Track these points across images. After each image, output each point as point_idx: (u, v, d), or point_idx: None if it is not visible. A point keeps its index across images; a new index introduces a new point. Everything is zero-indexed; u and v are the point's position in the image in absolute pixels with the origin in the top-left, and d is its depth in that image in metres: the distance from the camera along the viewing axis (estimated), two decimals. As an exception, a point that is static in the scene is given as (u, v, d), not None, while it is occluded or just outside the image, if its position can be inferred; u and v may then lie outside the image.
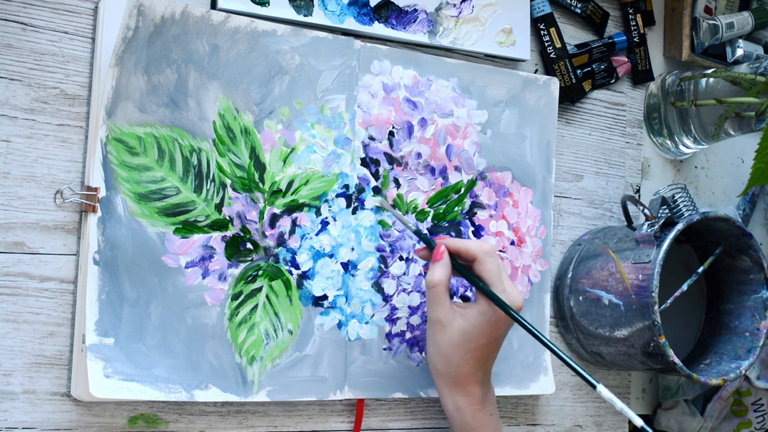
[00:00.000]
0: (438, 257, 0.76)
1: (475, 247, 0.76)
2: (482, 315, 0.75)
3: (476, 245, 0.76)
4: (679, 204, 0.99)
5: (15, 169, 0.69)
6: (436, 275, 0.75)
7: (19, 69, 0.69)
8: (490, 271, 0.75)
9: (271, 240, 0.77)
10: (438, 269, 0.75)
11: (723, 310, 0.95)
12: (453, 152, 0.86)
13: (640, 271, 0.84)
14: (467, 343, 0.75)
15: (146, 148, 0.72)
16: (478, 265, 0.76)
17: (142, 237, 0.71)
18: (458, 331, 0.75)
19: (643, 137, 1.03)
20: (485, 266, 0.75)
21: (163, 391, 0.71)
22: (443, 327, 0.75)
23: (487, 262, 0.75)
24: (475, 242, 0.77)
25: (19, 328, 0.69)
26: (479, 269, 0.76)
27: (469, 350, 0.75)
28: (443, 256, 0.76)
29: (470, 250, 0.76)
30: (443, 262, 0.76)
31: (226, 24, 0.75)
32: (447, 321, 0.75)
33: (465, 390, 0.76)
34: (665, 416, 1.02)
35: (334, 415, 0.82)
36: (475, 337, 0.75)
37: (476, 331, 0.75)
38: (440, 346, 0.76)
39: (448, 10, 0.87)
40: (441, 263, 0.76)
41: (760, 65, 0.93)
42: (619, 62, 1.00)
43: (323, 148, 0.80)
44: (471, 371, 0.76)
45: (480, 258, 0.75)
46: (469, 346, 0.75)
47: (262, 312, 0.76)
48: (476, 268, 0.76)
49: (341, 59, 0.81)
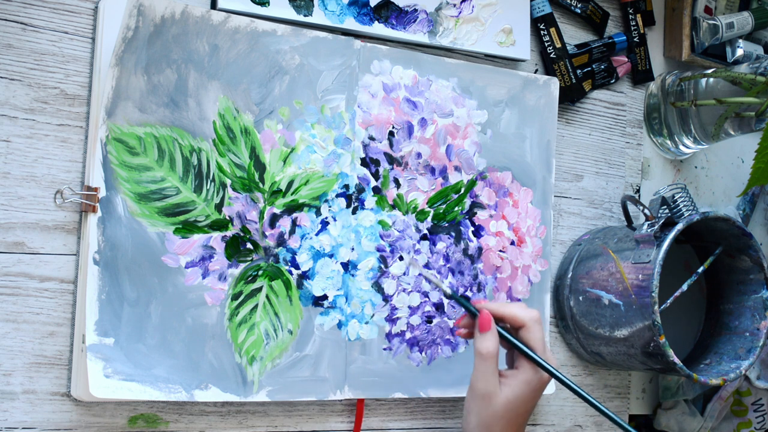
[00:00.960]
0: (487, 327, 0.73)
1: (523, 315, 0.74)
2: (527, 384, 0.74)
3: (524, 312, 0.74)
4: (679, 204, 0.99)
5: (15, 169, 0.69)
6: (489, 346, 0.73)
7: (19, 69, 0.69)
8: (537, 339, 0.74)
9: (271, 240, 0.77)
10: (489, 339, 0.73)
11: (723, 310, 0.95)
12: (453, 152, 0.86)
13: (640, 271, 0.84)
14: (511, 413, 0.73)
15: (146, 148, 0.72)
16: (526, 332, 0.74)
17: (142, 237, 0.71)
18: (504, 404, 0.73)
19: (643, 137, 1.03)
20: (534, 334, 0.74)
21: (163, 391, 0.71)
22: (489, 399, 0.73)
23: (535, 330, 0.74)
24: (521, 308, 0.75)
25: (19, 328, 0.69)
26: (526, 336, 0.74)
27: (512, 419, 0.73)
28: (491, 324, 0.74)
29: (518, 318, 0.74)
30: (492, 332, 0.73)
31: (226, 24, 0.75)
32: (494, 393, 0.73)
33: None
34: (665, 416, 1.02)
35: (334, 415, 0.82)
36: (519, 406, 0.74)
37: (521, 400, 0.73)
38: (483, 417, 0.73)
39: (448, 10, 0.87)
40: (491, 333, 0.73)
41: (760, 65, 0.93)
42: (619, 62, 1.00)
43: (323, 148, 0.80)
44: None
45: (529, 326, 0.74)
46: (512, 416, 0.73)
47: (262, 312, 0.76)
48: (522, 335, 0.74)
49: (341, 59, 0.81)
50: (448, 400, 0.88)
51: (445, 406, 0.88)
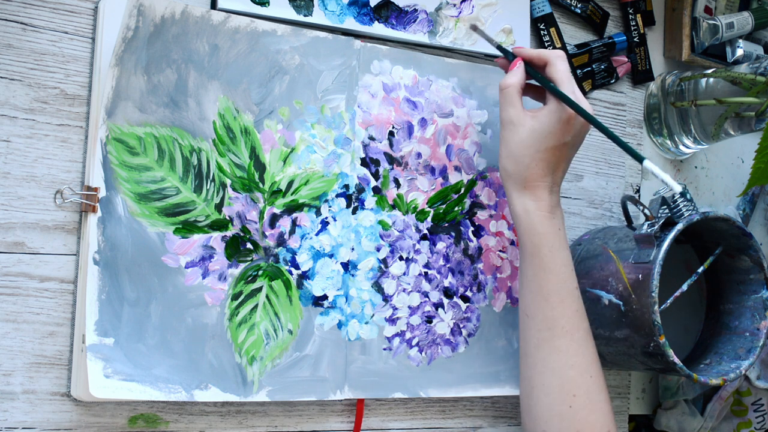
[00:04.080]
0: (513, 66, 0.80)
1: (547, 52, 0.80)
2: (552, 114, 0.78)
3: (548, 51, 0.80)
4: (679, 204, 0.99)
5: (15, 169, 0.69)
6: (509, 78, 0.79)
7: (19, 69, 0.69)
8: (560, 71, 0.79)
9: (271, 240, 0.77)
10: (512, 74, 0.80)
11: (723, 310, 0.95)
12: (453, 152, 0.86)
13: (640, 271, 0.84)
14: (537, 143, 0.77)
15: (146, 148, 0.72)
16: (550, 68, 0.79)
17: (142, 237, 0.71)
18: (529, 131, 0.78)
19: (643, 137, 1.03)
20: (556, 67, 0.79)
21: (163, 391, 0.71)
22: (514, 127, 0.78)
23: (557, 64, 0.79)
24: (547, 50, 0.83)
25: (19, 328, 0.69)
26: (550, 72, 0.79)
27: (539, 151, 0.78)
28: (518, 63, 0.80)
29: (542, 55, 0.80)
30: (517, 69, 0.80)
31: (226, 24, 0.75)
32: (518, 121, 0.78)
33: (534, 194, 0.78)
34: (665, 416, 1.02)
35: (334, 415, 0.82)
36: (545, 137, 0.78)
37: (546, 130, 0.77)
38: (511, 146, 0.78)
39: (448, 10, 0.87)
40: (515, 70, 0.80)
41: (760, 65, 0.93)
42: (619, 62, 1.00)
43: (323, 148, 0.80)
44: (540, 173, 0.78)
45: (551, 61, 0.79)
46: (539, 147, 0.78)
47: (262, 312, 0.76)
48: (548, 72, 0.79)
49: (341, 59, 0.81)
50: (448, 400, 0.88)
51: (445, 406, 0.88)
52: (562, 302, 0.78)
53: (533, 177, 0.78)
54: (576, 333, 0.78)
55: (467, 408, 0.89)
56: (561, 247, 0.79)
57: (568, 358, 0.77)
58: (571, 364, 0.77)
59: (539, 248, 0.78)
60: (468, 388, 0.86)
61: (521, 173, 0.78)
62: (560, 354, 0.77)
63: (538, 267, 0.78)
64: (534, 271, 0.79)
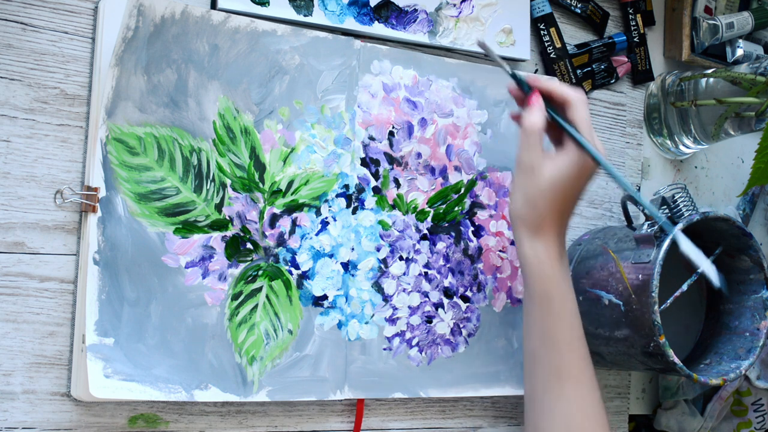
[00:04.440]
0: (532, 102, 0.75)
1: (570, 93, 0.75)
2: (574, 164, 0.75)
3: (572, 90, 0.75)
4: (679, 204, 0.99)
5: (15, 169, 0.69)
6: (534, 120, 0.74)
7: (19, 69, 0.69)
8: (582, 118, 0.75)
9: (271, 240, 0.77)
10: (535, 113, 0.75)
11: (723, 310, 0.95)
12: (453, 152, 0.86)
13: (640, 271, 0.84)
14: (555, 192, 0.75)
15: (146, 148, 0.72)
16: (571, 110, 0.75)
17: (142, 237, 0.71)
18: (547, 177, 0.75)
19: (643, 137, 1.03)
20: (578, 113, 0.75)
21: (163, 391, 0.71)
22: (533, 172, 0.75)
23: (580, 109, 0.75)
24: (569, 87, 0.76)
25: (19, 328, 0.69)
26: (571, 115, 0.75)
27: (555, 197, 0.75)
28: (539, 101, 0.75)
29: (565, 95, 0.75)
30: (539, 107, 0.75)
31: (226, 24, 0.75)
32: (538, 167, 0.75)
33: (545, 239, 0.76)
34: (665, 416, 1.02)
35: (334, 415, 0.82)
36: (562, 184, 0.75)
37: (565, 177, 0.75)
38: (527, 191, 0.75)
39: (448, 10, 0.87)
40: (538, 107, 0.75)
41: (760, 65, 0.93)
42: (619, 62, 1.00)
43: (323, 148, 0.80)
44: (553, 220, 0.76)
45: (574, 103, 0.75)
46: (556, 195, 0.75)
47: (262, 312, 0.76)
48: (568, 114, 0.75)
49: (341, 59, 0.81)
50: (448, 400, 0.88)
51: (445, 406, 0.88)
52: (571, 349, 0.77)
53: (546, 223, 0.76)
54: (583, 379, 0.76)
55: (467, 408, 0.89)
56: (569, 293, 0.78)
57: (576, 404, 0.76)
58: (577, 410, 0.76)
59: (549, 295, 0.76)
60: (468, 388, 0.86)
61: (535, 219, 0.76)
62: (567, 401, 0.76)
63: (547, 313, 0.77)
64: (542, 317, 0.77)
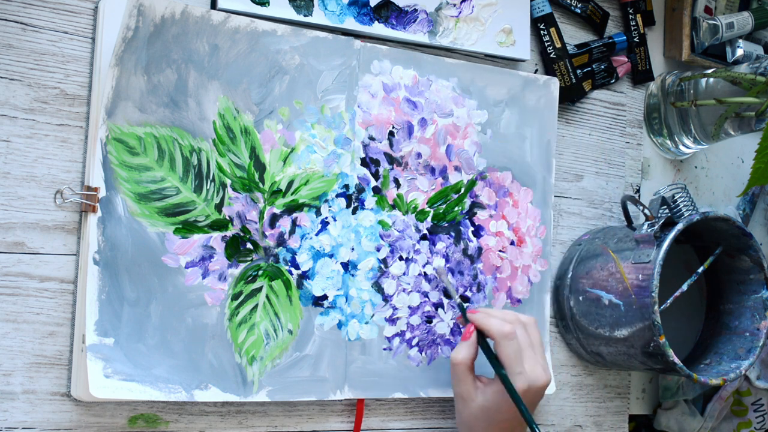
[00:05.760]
0: (466, 337, 0.79)
1: (495, 330, 0.78)
2: (501, 394, 0.78)
3: (496, 328, 0.78)
4: (679, 204, 0.99)
5: (15, 169, 0.69)
6: (460, 354, 0.79)
7: (19, 69, 0.69)
8: (507, 355, 0.78)
9: (271, 240, 0.77)
10: (463, 348, 0.79)
11: (723, 310, 0.95)
12: (453, 152, 0.86)
13: (640, 271, 0.84)
14: (488, 419, 0.78)
15: (146, 148, 0.72)
16: (497, 347, 0.78)
17: (142, 237, 0.71)
18: (479, 407, 0.78)
19: (643, 137, 1.03)
20: (502, 349, 0.78)
21: (163, 391, 0.71)
22: (465, 402, 0.79)
23: (504, 346, 0.78)
24: (496, 324, 0.78)
25: (19, 328, 0.69)
26: (498, 351, 0.78)
27: (491, 424, 0.78)
28: (471, 336, 0.79)
29: (491, 332, 0.78)
30: (470, 342, 0.79)
31: (226, 24, 0.75)
32: (468, 397, 0.78)
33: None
34: (665, 416, 1.02)
35: (334, 415, 0.82)
36: (495, 413, 0.78)
37: (495, 407, 0.78)
38: (464, 417, 0.79)
39: (448, 10, 0.87)
40: (467, 343, 0.79)
41: (760, 65, 0.93)
42: (619, 62, 1.00)
43: (323, 148, 0.80)
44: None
45: (498, 341, 0.78)
46: (490, 421, 0.78)
47: (262, 312, 0.76)
48: (496, 349, 0.79)
49: (341, 59, 0.81)
50: (448, 400, 0.88)
51: (445, 406, 0.88)
52: None
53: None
54: None
55: (467, 408, 0.89)
56: None
57: None
58: None
59: None
60: (468, 388, 0.86)
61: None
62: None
63: None
64: None
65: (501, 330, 0.78)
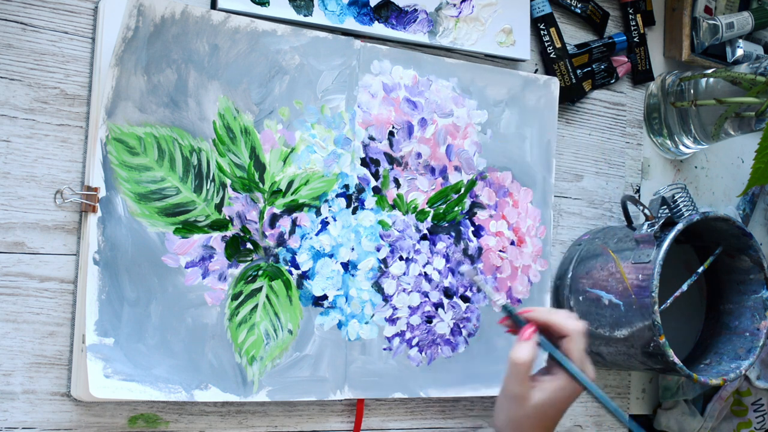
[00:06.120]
0: (527, 337, 0.75)
1: (569, 325, 0.75)
2: (561, 390, 0.75)
3: (570, 323, 0.75)
4: (679, 204, 0.99)
5: (15, 169, 0.69)
6: (523, 355, 0.74)
7: (19, 69, 0.69)
8: (578, 350, 0.75)
9: (271, 240, 0.77)
10: (525, 348, 0.75)
11: (723, 310, 0.95)
12: (453, 152, 0.86)
13: (640, 271, 0.84)
14: (541, 416, 0.75)
15: (146, 148, 0.72)
16: (568, 341, 0.75)
17: (142, 237, 0.71)
18: (535, 406, 0.75)
19: (643, 137, 1.03)
20: (575, 344, 0.75)
21: (163, 391, 0.71)
22: (519, 402, 0.75)
23: (578, 341, 0.75)
24: (568, 318, 0.76)
25: (19, 328, 0.69)
26: (568, 346, 0.75)
27: (541, 422, 0.76)
28: (533, 335, 0.75)
29: (563, 327, 0.75)
30: (531, 342, 0.75)
31: (226, 24, 0.75)
32: (525, 397, 0.75)
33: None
34: (665, 416, 1.02)
35: (334, 415, 0.82)
36: (550, 410, 0.76)
37: (552, 404, 0.75)
38: (512, 416, 0.76)
39: (448, 10, 0.87)
40: (529, 343, 0.75)
41: (760, 65, 0.93)
42: (619, 62, 1.00)
43: (323, 148, 0.80)
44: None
45: (573, 336, 0.75)
46: (542, 418, 0.76)
47: (262, 312, 0.76)
48: (564, 344, 0.76)
49: (341, 59, 0.81)
50: (448, 400, 0.88)
51: (445, 406, 0.88)
52: None
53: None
54: None
55: (467, 408, 0.89)
56: None
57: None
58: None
59: None
60: (468, 388, 0.86)
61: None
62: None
63: None
64: None
65: (576, 325, 0.75)
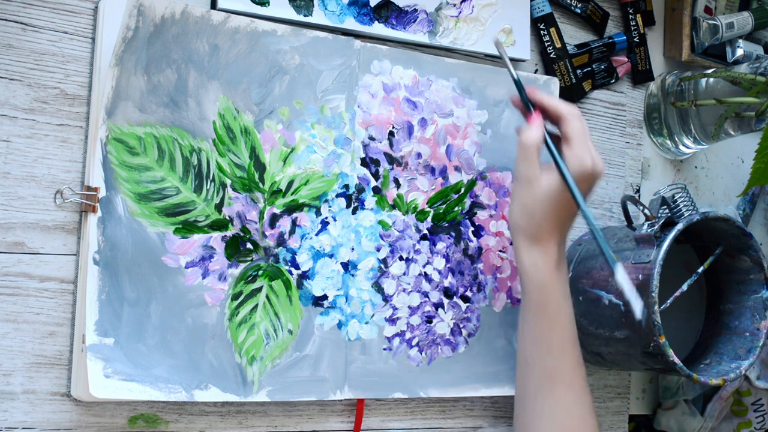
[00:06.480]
0: (534, 119, 0.79)
1: (561, 107, 0.78)
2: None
3: (564, 105, 0.78)
4: (679, 204, 0.99)
5: (15, 169, 0.69)
6: (532, 133, 0.78)
7: (19, 69, 0.69)
8: (575, 129, 0.78)
9: (271, 240, 0.77)
10: (534, 129, 0.78)
11: (723, 310, 0.95)
12: (453, 152, 0.86)
13: (640, 271, 0.84)
14: (552, 201, 0.77)
15: (146, 148, 0.72)
16: (564, 124, 0.78)
17: (142, 237, 0.71)
18: (545, 189, 0.77)
19: (643, 137, 1.03)
20: (571, 125, 0.78)
21: (163, 391, 0.71)
22: (530, 184, 0.78)
23: (573, 122, 0.78)
24: (564, 103, 0.79)
25: (19, 328, 0.69)
26: (565, 128, 0.78)
27: (552, 207, 0.78)
28: (539, 119, 0.79)
29: (559, 109, 0.79)
30: (539, 123, 0.78)
31: (226, 24, 0.75)
32: (535, 179, 0.77)
33: (543, 247, 0.78)
34: (665, 416, 1.02)
35: (334, 415, 0.82)
36: (559, 195, 0.77)
37: (559, 189, 0.77)
38: (525, 201, 0.78)
39: (448, 10, 0.87)
40: (538, 124, 0.78)
41: (760, 65, 0.93)
42: (619, 62, 1.00)
43: (323, 148, 0.80)
44: (551, 229, 0.78)
45: (566, 118, 0.78)
46: (552, 204, 0.77)
47: (262, 312, 0.76)
48: (562, 128, 0.78)
49: (341, 59, 0.81)
50: (448, 400, 0.88)
51: (445, 406, 0.88)
52: (564, 353, 0.79)
53: (544, 232, 0.78)
54: (575, 382, 0.79)
55: (467, 408, 0.89)
56: (566, 299, 0.79)
57: (566, 406, 0.78)
58: (568, 412, 0.78)
59: (546, 302, 0.78)
60: (468, 388, 0.86)
61: (532, 228, 0.78)
62: (558, 402, 0.78)
63: (543, 319, 0.78)
64: (538, 323, 0.79)
65: (570, 108, 0.78)
